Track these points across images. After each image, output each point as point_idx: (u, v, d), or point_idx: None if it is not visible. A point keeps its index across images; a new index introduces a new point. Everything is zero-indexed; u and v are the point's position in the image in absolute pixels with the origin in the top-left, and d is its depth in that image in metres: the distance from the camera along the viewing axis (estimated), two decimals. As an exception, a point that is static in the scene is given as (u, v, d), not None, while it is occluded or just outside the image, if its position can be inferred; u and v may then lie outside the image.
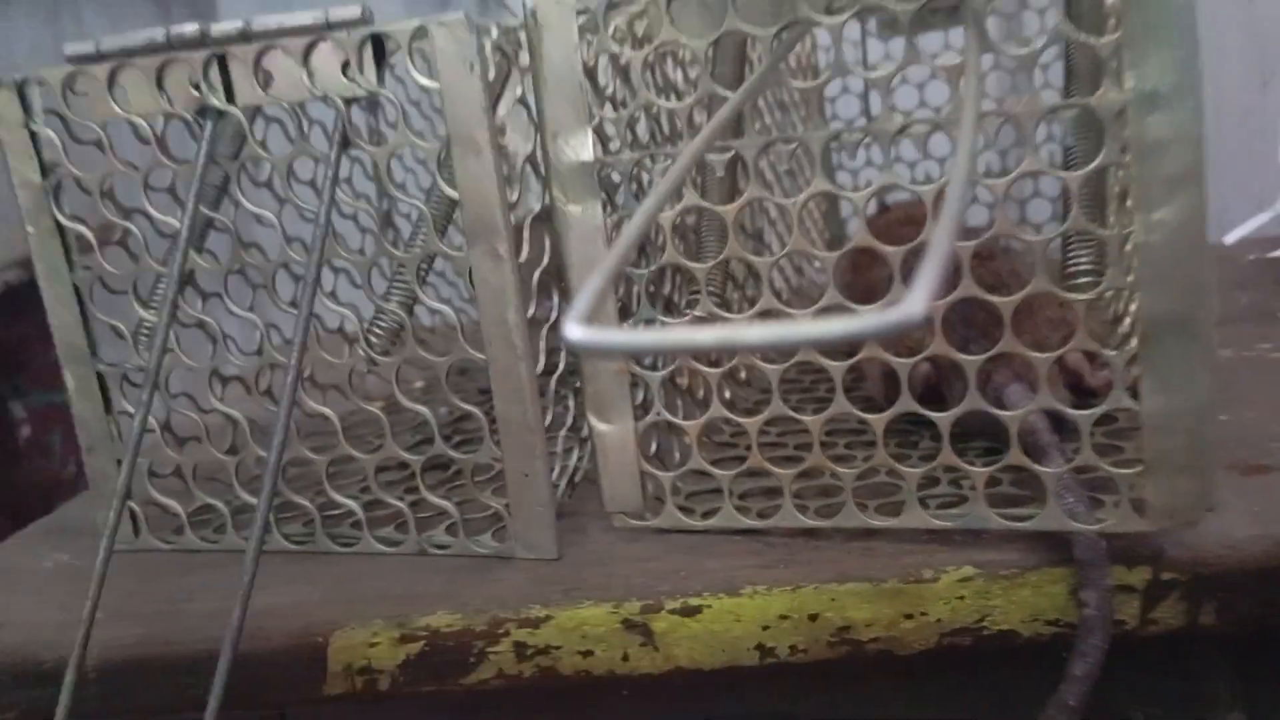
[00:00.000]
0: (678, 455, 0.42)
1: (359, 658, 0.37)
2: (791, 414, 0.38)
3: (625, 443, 0.40)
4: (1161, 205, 0.32)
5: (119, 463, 0.43)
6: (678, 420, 0.40)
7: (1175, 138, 0.31)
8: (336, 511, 0.43)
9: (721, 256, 0.37)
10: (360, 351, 0.39)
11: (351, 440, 0.41)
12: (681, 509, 0.41)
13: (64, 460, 0.84)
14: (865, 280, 0.49)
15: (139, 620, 0.39)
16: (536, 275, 0.40)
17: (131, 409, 0.43)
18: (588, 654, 0.37)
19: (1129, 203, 0.33)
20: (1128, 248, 0.33)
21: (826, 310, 0.36)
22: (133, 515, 0.45)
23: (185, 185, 0.39)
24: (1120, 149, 0.32)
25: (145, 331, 0.42)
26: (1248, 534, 0.36)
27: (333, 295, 0.43)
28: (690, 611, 0.37)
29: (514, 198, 0.38)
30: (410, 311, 0.40)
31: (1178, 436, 0.34)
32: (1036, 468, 0.36)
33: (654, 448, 0.42)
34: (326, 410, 0.40)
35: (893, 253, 0.35)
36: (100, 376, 0.43)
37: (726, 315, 0.38)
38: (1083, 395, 0.43)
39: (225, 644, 0.33)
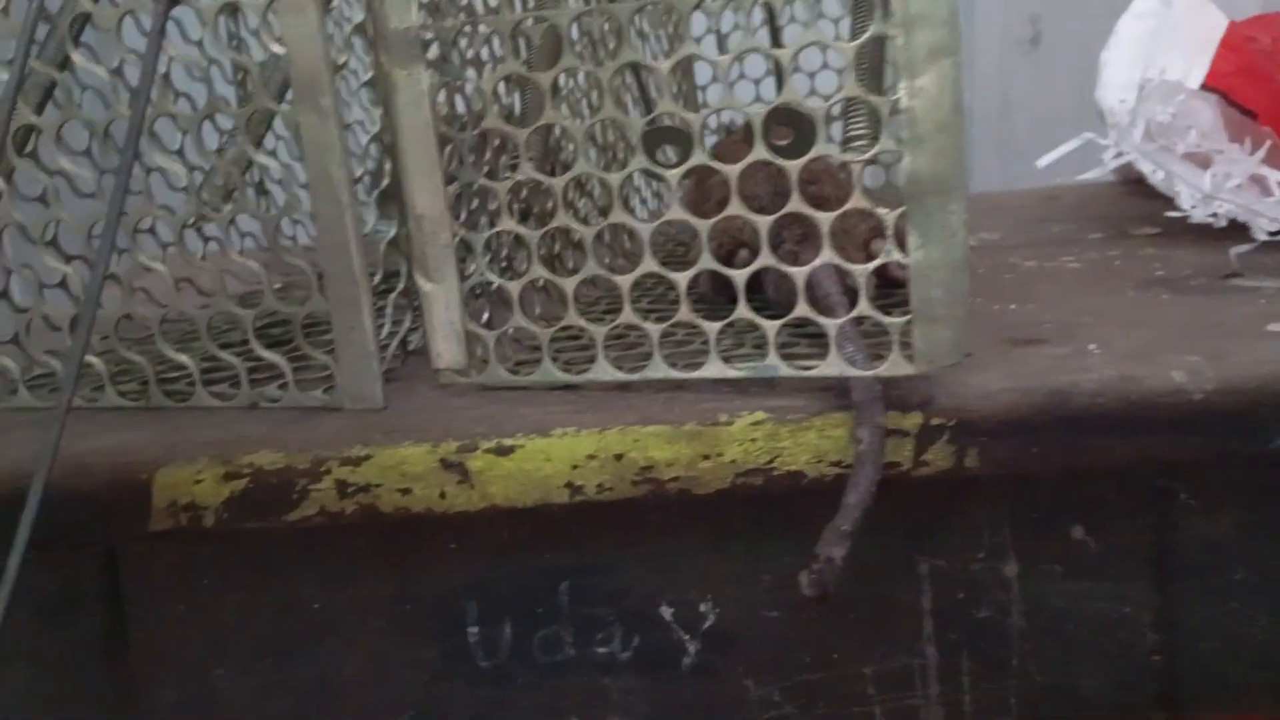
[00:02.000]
0: (506, 317, 0.44)
1: (183, 494, 0.39)
2: (604, 273, 0.41)
3: (451, 302, 0.42)
4: (922, 73, 0.36)
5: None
6: (498, 280, 0.42)
7: (932, 11, 0.35)
8: (172, 371, 0.44)
9: (539, 123, 0.40)
10: (191, 204, 0.41)
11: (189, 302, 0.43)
12: (508, 370, 0.44)
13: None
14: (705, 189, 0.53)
15: (-36, 461, 0.40)
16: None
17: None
18: (406, 491, 0.40)
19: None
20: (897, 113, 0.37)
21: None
22: (-35, 375, 0.45)
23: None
24: (887, 22, 0.36)
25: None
26: (1003, 387, 0.40)
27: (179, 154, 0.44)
28: (504, 451, 0.39)
29: (341, 61, 0.39)
30: (243, 170, 0.42)
31: (938, 287, 0.38)
32: (821, 319, 0.39)
33: (485, 315, 0.44)
34: (158, 266, 0.42)
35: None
36: (-68, 235, 0.43)
37: (545, 179, 0.41)
38: (888, 285, 0.46)
39: (37, 472, 0.35)
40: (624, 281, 0.41)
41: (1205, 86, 0.63)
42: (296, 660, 0.44)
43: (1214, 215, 0.59)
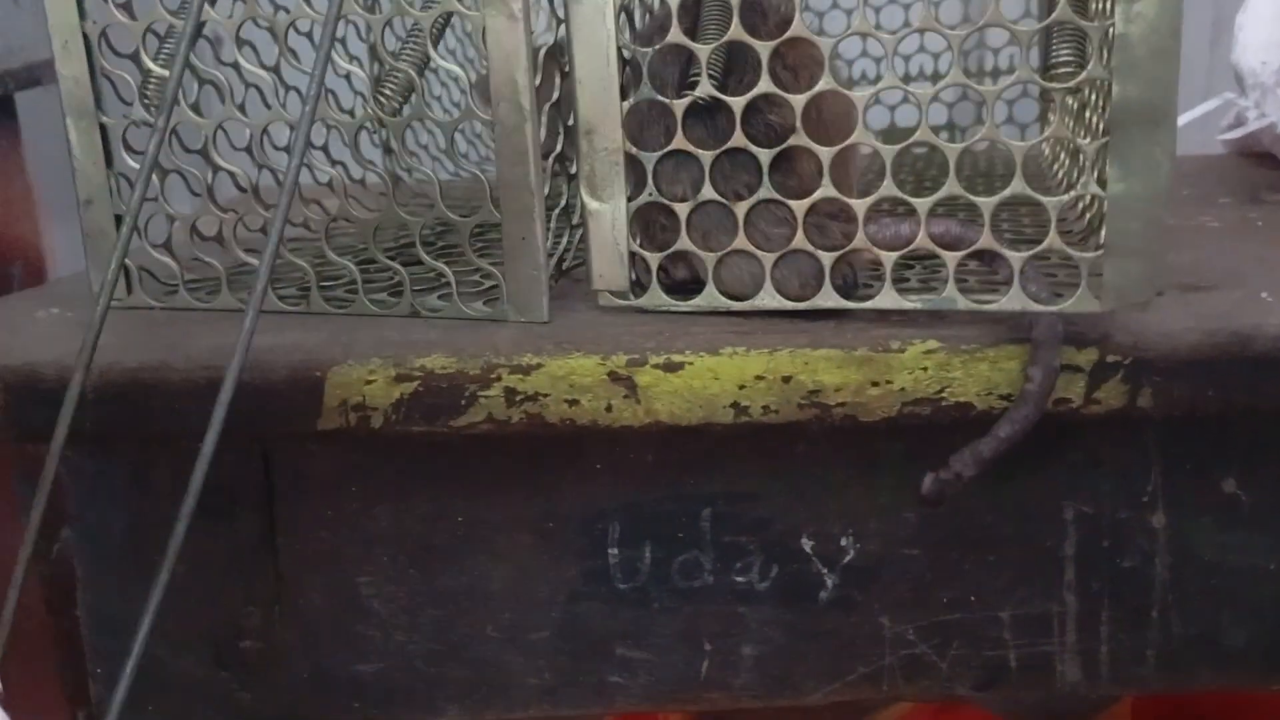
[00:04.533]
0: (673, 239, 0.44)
1: (354, 394, 0.39)
2: (777, 197, 0.40)
3: (616, 221, 0.42)
4: (1140, -3, 0.35)
5: (117, 219, 0.44)
6: (666, 201, 0.41)
7: (1156, -68, 0.34)
8: (330, 279, 0.44)
9: (725, 39, 0.39)
10: (369, 110, 0.41)
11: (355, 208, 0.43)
12: (666, 289, 0.43)
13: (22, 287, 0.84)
14: None
15: (140, 351, 0.40)
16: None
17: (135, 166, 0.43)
18: (574, 403, 0.39)
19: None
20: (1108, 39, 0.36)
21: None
22: (126, 273, 0.45)
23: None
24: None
25: (150, 87, 0.43)
26: (1183, 327, 0.40)
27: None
28: (673, 367, 0.39)
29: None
30: (421, 73, 0.41)
31: (1136, 221, 0.37)
32: (1006, 252, 0.39)
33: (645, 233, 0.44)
34: (332, 171, 0.42)
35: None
36: (103, 129, 0.43)
37: (723, 98, 0.40)
38: None
39: (235, 356, 0.35)
40: (798, 207, 0.40)
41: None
42: (441, 572, 0.44)
43: (1362, 179, 0.57)
